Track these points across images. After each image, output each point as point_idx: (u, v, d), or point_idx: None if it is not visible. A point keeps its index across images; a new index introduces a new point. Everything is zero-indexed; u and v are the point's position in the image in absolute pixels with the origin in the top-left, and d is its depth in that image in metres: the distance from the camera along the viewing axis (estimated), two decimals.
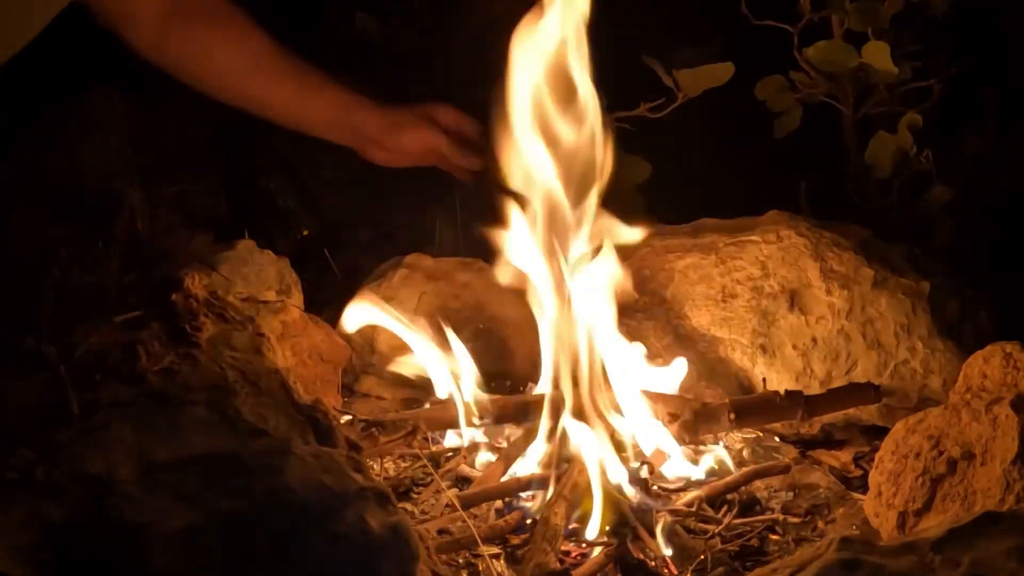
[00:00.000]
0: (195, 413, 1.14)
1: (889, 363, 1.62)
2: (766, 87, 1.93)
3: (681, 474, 1.55)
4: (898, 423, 1.46)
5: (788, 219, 1.76)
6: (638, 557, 1.38)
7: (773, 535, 1.46)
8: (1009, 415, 1.33)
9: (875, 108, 1.94)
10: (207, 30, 1.78)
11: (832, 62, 1.86)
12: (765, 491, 1.55)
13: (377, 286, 1.86)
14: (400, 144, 1.84)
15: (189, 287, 1.32)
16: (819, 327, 1.66)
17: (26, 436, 1.11)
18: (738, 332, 1.71)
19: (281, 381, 1.23)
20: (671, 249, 1.80)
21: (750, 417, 1.60)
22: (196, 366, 1.20)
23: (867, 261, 1.68)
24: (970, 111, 2.01)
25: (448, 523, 1.46)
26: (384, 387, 1.82)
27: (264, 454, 1.12)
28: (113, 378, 1.18)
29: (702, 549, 1.40)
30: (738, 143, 2.10)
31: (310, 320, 1.75)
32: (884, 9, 1.83)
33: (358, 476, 1.14)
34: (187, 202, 2.18)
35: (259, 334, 1.32)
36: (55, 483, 1.07)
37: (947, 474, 1.37)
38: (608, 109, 1.93)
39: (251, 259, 1.78)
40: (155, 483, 1.08)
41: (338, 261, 2.10)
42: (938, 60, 1.91)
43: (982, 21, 2.06)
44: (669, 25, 2.08)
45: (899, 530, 1.38)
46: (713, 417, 1.56)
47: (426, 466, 1.59)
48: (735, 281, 1.73)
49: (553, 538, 1.36)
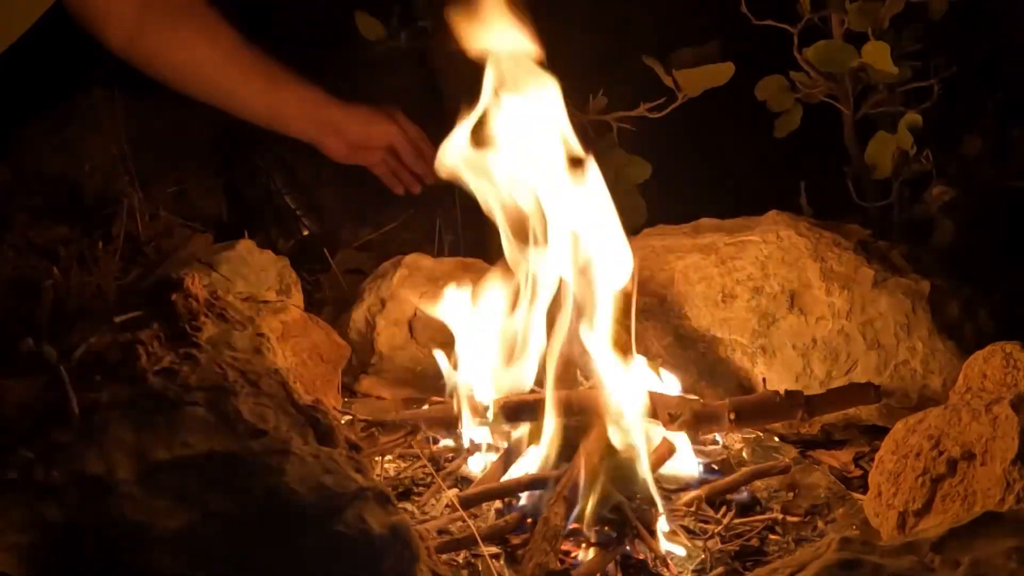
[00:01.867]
0: (195, 413, 1.14)
1: (889, 363, 1.62)
2: (766, 87, 1.93)
3: (684, 471, 1.55)
4: (898, 423, 1.46)
5: (788, 219, 1.76)
6: (638, 557, 1.38)
7: (773, 535, 1.46)
8: (1009, 415, 1.33)
9: (875, 108, 1.94)
10: (179, 27, 1.82)
11: (832, 62, 1.86)
12: (765, 491, 1.55)
13: (377, 286, 1.86)
14: (366, 137, 1.89)
15: (189, 287, 1.32)
16: (819, 327, 1.66)
17: (26, 436, 1.11)
18: (738, 332, 1.71)
19: (281, 381, 1.23)
20: (671, 249, 1.80)
21: (750, 417, 1.60)
22: (196, 366, 1.20)
23: (867, 261, 1.68)
24: (970, 111, 2.01)
25: (448, 523, 1.46)
26: (384, 387, 1.82)
27: (264, 454, 1.12)
28: (113, 378, 1.18)
29: (702, 549, 1.40)
30: (738, 143, 2.10)
31: (310, 320, 1.75)
32: (884, 9, 1.83)
33: (358, 476, 1.14)
34: (187, 202, 2.19)
35: (259, 334, 1.32)
36: (55, 483, 1.07)
37: (947, 474, 1.37)
38: (608, 109, 1.94)
39: (251, 259, 1.78)
40: (155, 483, 1.08)
41: (338, 261, 2.10)
42: (938, 60, 1.91)
43: (982, 21, 2.06)
44: (669, 25, 2.08)
45: (899, 530, 1.38)
46: (713, 417, 1.56)
47: (426, 466, 1.59)
48: (735, 281, 1.73)
49: (553, 538, 1.36)
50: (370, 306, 1.85)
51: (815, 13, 1.86)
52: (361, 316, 1.85)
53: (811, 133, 1.95)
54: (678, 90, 1.86)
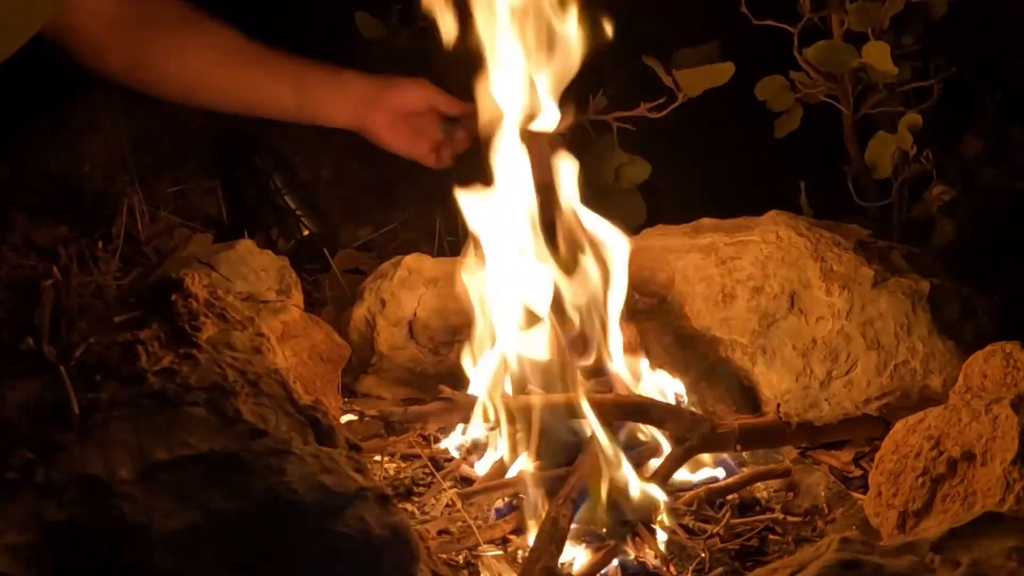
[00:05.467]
0: (195, 413, 1.15)
1: (889, 363, 1.62)
2: (766, 87, 1.93)
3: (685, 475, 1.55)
4: (898, 423, 1.46)
5: (788, 219, 1.76)
6: (638, 556, 1.38)
7: (773, 535, 1.46)
8: (1009, 415, 1.33)
9: (875, 108, 1.94)
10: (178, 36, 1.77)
11: (832, 62, 1.86)
12: (765, 491, 1.55)
13: (377, 286, 1.86)
14: (400, 102, 1.84)
15: (189, 287, 1.32)
16: (819, 327, 1.66)
17: (26, 436, 1.11)
18: (738, 332, 1.71)
19: (281, 381, 1.23)
20: (671, 249, 1.80)
21: (757, 443, 1.61)
22: (196, 366, 1.20)
23: (867, 261, 1.68)
24: (970, 111, 2.01)
25: (448, 523, 1.46)
26: (384, 387, 1.82)
27: (264, 454, 1.12)
28: (113, 378, 1.18)
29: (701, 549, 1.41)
30: (738, 143, 2.10)
31: (310, 320, 1.75)
32: (884, 9, 1.83)
33: (358, 476, 1.14)
34: (187, 202, 2.19)
35: (259, 334, 1.32)
36: (55, 483, 1.07)
37: (947, 474, 1.37)
38: (608, 109, 1.94)
39: (251, 259, 1.77)
40: (155, 483, 1.08)
41: (338, 261, 2.10)
42: (938, 60, 1.91)
43: (982, 21, 2.06)
44: (669, 25, 2.08)
45: (899, 530, 1.38)
46: (720, 443, 1.56)
47: (426, 466, 1.59)
48: (735, 281, 1.73)
49: (560, 540, 1.36)
50: (370, 306, 1.85)
51: (815, 13, 1.86)
52: (361, 316, 1.85)
53: (811, 133, 1.95)
54: (678, 90, 1.86)
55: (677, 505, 1.47)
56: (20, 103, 1.99)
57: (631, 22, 1.64)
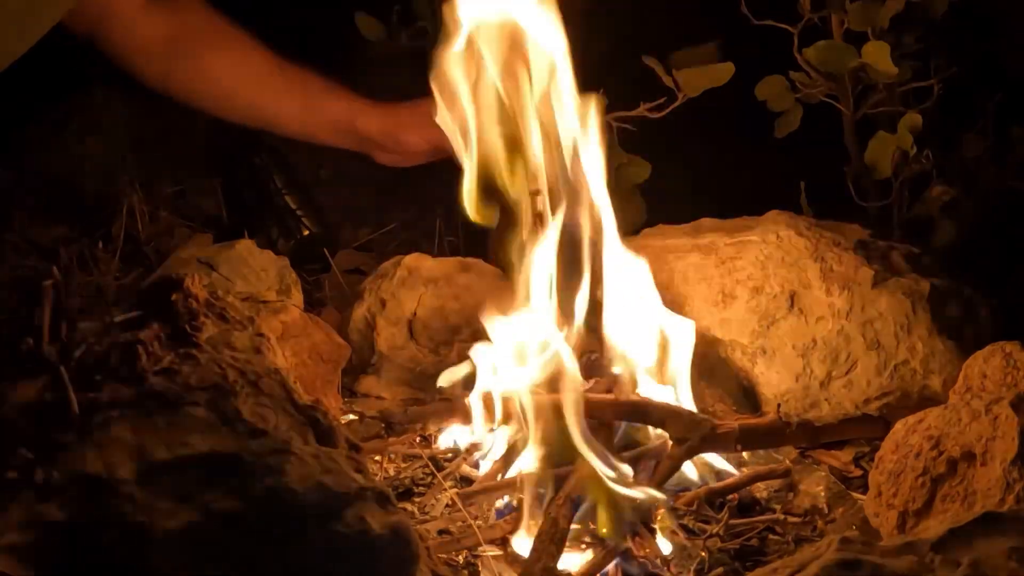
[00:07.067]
0: (195, 413, 1.14)
1: (889, 363, 1.62)
2: (766, 87, 1.93)
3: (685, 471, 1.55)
4: (898, 423, 1.46)
5: (788, 219, 1.76)
6: (639, 556, 1.38)
7: (773, 535, 1.46)
8: (1009, 415, 1.33)
9: (875, 108, 1.94)
10: (211, 52, 1.84)
11: (832, 62, 1.86)
12: (765, 491, 1.55)
13: (377, 286, 1.86)
14: (405, 144, 1.87)
15: (189, 287, 1.32)
16: (819, 327, 1.66)
17: (26, 436, 1.11)
18: (738, 333, 1.71)
19: (281, 381, 1.23)
20: (671, 249, 1.80)
21: (757, 444, 1.61)
22: (196, 366, 1.20)
23: (867, 261, 1.68)
24: (970, 111, 2.01)
25: (448, 523, 1.46)
26: (384, 387, 1.82)
27: (264, 454, 1.12)
28: (113, 378, 1.18)
29: (701, 549, 1.40)
30: (738, 143, 2.10)
31: (310, 320, 1.75)
32: (884, 9, 1.83)
33: (358, 476, 1.14)
34: (187, 202, 2.19)
35: (259, 334, 1.32)
36: (55, 483, 1.07)
37: (947, 474, 1.37)
38: (608, 109, 1.94)
39: (251, 259, 1.78)
40: (155, 483, 1.08)
41: (338, 261, 2.10)
42: (938, 60, 1.91)
43: (982, 21, 2.06)
44: (669, 25, 2.08)
45: (899, 530, 1.38)
46: (720, 443, 1.55)
47: (427, 466, 1.59)
48: (735, 281, 1.73)
49: (561, 540, 1.36)
50: (370, 306, 1.85)
51: (815, 13, 1.86)
52: (361, 316, 1.85)
53: (811, 133, 1.95)
54: (678, 90, 1.86)
55: (677, 505, 1.47)
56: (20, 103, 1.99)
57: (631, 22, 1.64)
